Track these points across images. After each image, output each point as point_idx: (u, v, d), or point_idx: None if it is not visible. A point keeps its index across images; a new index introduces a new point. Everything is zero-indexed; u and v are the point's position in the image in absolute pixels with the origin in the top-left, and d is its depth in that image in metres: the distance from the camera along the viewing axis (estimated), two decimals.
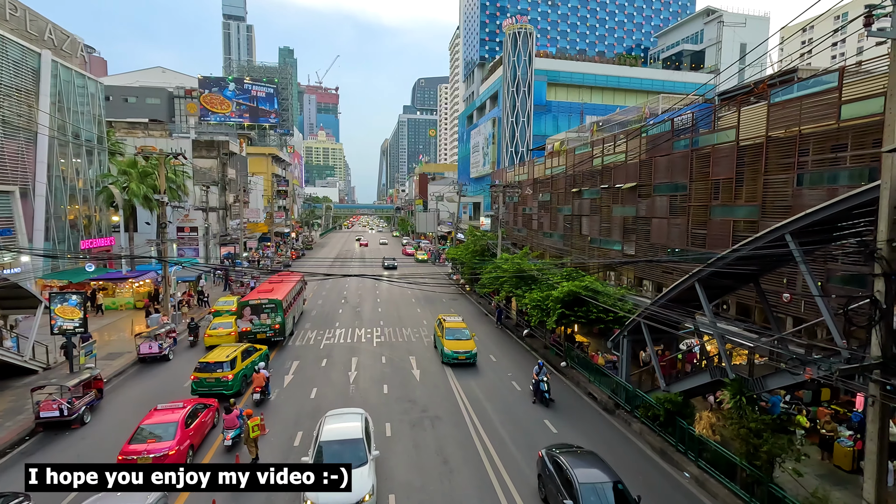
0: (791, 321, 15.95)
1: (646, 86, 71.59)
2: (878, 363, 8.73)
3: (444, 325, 24.56)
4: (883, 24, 8.86)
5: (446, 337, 23.57)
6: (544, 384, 18.29)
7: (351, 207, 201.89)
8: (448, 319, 25.61)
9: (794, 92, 17.22)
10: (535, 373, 18.66)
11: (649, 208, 23.41)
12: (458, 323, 25.21)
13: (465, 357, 22.55)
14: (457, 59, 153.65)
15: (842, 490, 12.50)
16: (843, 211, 9.79)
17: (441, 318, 26.08)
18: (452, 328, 24.34)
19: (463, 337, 23.61)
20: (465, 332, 24.18)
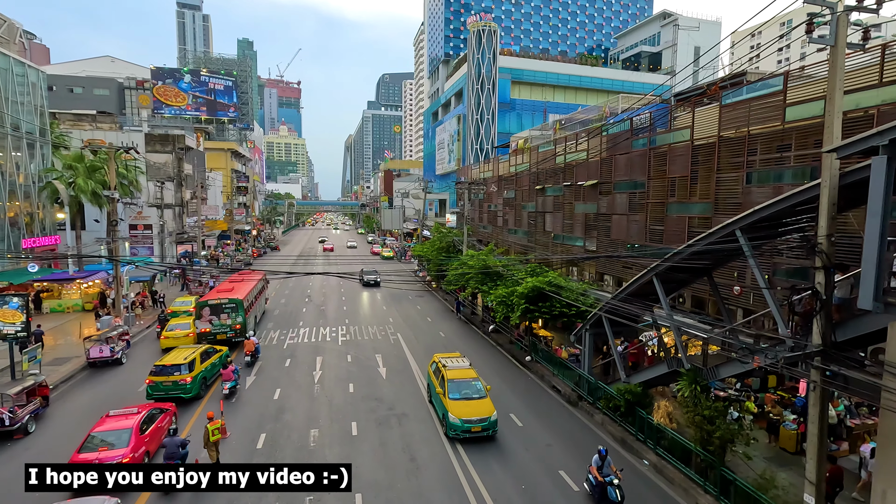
0: (741, 313, 16.76)
1: (606, 85, 73.43)
2: (818, 351, 9.29)
3: (446, 376, 16.63)
4: (823, 32, 9.40)
5: (450, 395, 15.93)
6: (614, 490, 11.57)
7: (314, 204, 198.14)
8: (450, 364, 17.47)
9: (744, 94, 18.08)
10: (596, 466, 12.04)
11: (610, 205, 24.05)
12: (463, 371, 17.09)
13: (482, 428, 15.06)
14: (421, 55, 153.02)
15: (787, 471, 13.25)
16: (788, 208, 10.35)
17: (438, 361, 18.07)
18: (458, 379, 16.46)
19: (474, 393, 16.07)
20: (477, 384, 16.50)
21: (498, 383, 20.37)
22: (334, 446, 14.78)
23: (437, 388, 17.13)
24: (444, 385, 16.41)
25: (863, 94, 13.09)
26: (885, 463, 8.66)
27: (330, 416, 16.99)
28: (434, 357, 18.99)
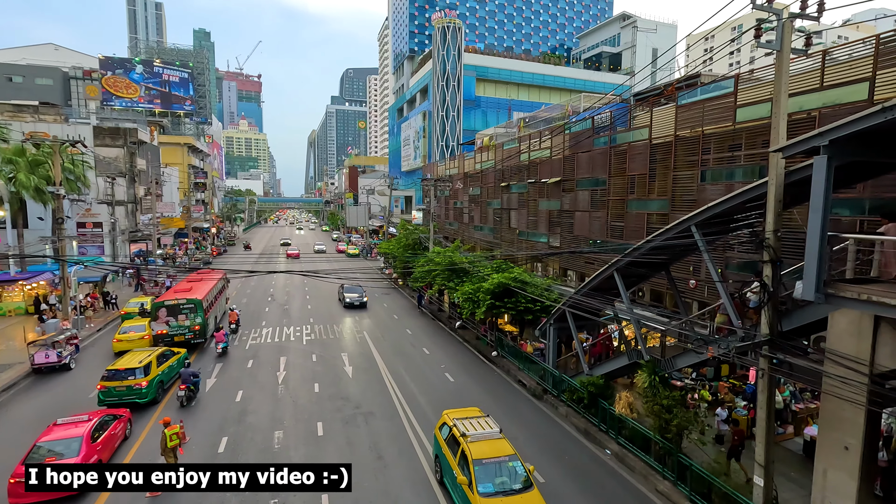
0: (696, 305, 17.48)
1: (569, 84, 74.80)
2: (766, 340, 9.81)
3: (470, 453, 11.11)
4: (770, 37, 9.88)
5: (479, 487, 10.49)
6: None
7: (277, 201, 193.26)
8: (472, 433, 11.86)
9: (698, 95, 18.79)
10: None
11: (572, 202, 24.56)
12: (494, 442, 11.67)
13: None
14: (386, 50, 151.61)
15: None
16: (738, 205, 10.85)
17: (452, 423, 12.54)
18: (488, 461, 11.04)
19: (514, 480, 10.87)
20: (517, 465, 11.21)
21: (465, 379, 20.52)
22: (300, 447, 14.53)
23: (452, 465, 11.58)
24: (466, 466, 11.01)
25: (806, 96, 13.84)
26: (826, 444, 9.24)
27: (295, 416, 16.69)
28: (444, 416, 13.34)
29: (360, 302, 33.78)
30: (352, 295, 34.07)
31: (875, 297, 7.51)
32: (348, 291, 34.45)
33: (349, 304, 33.71)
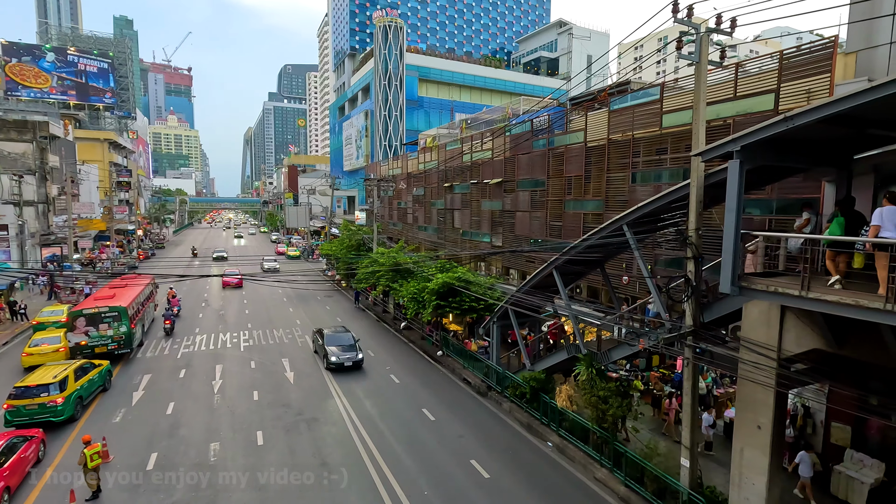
0: (629, 300, 18.46)
1: (509, 87, 76.55)
2: (690, 331, 10.54)
3: None
4: (690, 49, 10.62)
5: None
6: None
7: (210, 201, 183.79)
8: None
9: (628, 101, 19.84)
10: None
11: (513, 202, 25.18)
12: None
13: None
14: (326, 47, 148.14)
15: (667, 439, 14.90)
16: (665, 205, 11.58)
17: None
18: None
19: None
20: None
21: (411, 380, 20.48)
22: (238, 458, 13.90)
23: None
24: None
25: (722, 105, 15.01)
26: (742, 425, 10.06)
27: (232, 426, 15.95)
28: None
29: (353, 362, 21.02)
30: (342, 353, 21.20)
31: (780, 289, 8.28)
32: (333, 343, 21.86)
33: (336, 365, 20.80)
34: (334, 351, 21.38)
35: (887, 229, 7.30)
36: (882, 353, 8.02)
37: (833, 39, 12.43)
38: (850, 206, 8.76)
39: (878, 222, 7.38)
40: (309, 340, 26.15)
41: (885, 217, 7.33)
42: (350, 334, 23.03)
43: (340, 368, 21.06)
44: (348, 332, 23.20)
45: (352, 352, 21.58)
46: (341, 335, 22.84)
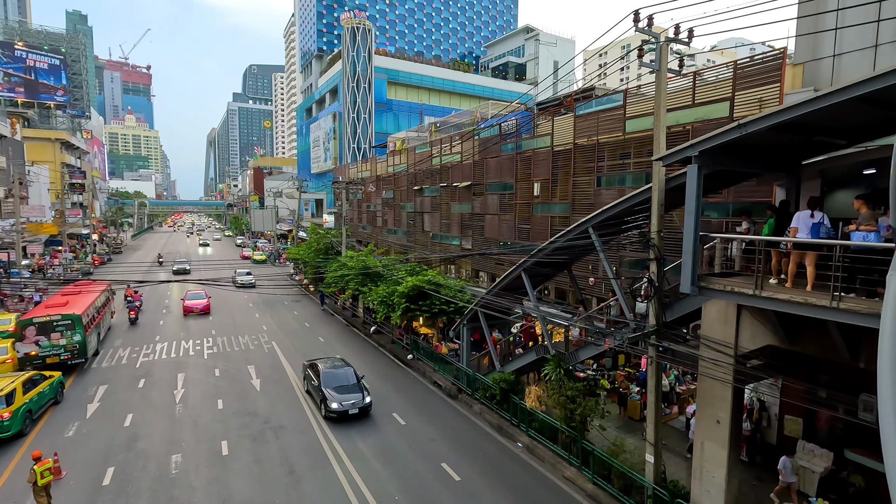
0: (595, 301, 18.88)
1: (478, 91, 77.24)
2: (653, 330, 10.86)
3: None
4: (651, 57, 10.98)
5: None
6: None
7: (172, 204, 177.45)
8: None
9: (593, 107, 20.33)
10: None
11: (483, 205, 25.39)
12: None
13: None
14: (293, 47, 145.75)
15: (634, 436, 15.27)
16: (628, 208, 11.91)
17: None
18: None
19: None
20: None
21: (380, 384, 20.30)
22: (201, 470, 13.45)
23: None
24: None
25: (682, 112, 15.57)
26: (703, 420, 10.43)
27: (195, 437, 15.42)
28: None
29: (360, 408, 16.63)
30: (344, 396, 16.79)
31: (736, 289, 8.64)
32: (332, 382, 17.45)
33: (338, 414, 16.37)
34: (335, 395, 16.82)
35: (802, 231, 8.10)
36: (829, 349, 8.47)
37: (782, 51, 13.09)
38: (786, 209, 9.28)
39: (796, 224, 8.25)
40: (276, 347, 25.57)
41: (801, 221, 8.17)
42: (351, 369, 18.44)
43: (344, 418, 16.48)
44: (349, 367, 18.62)
45: (355, 394, 17.01)
46: (341, 371, 18.17)
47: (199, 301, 31.51)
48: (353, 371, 18.42)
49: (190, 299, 32.12)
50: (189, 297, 32.18)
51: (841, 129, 8.92)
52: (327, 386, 17.27)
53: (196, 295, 33.12)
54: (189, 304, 32.28)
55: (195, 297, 32.74)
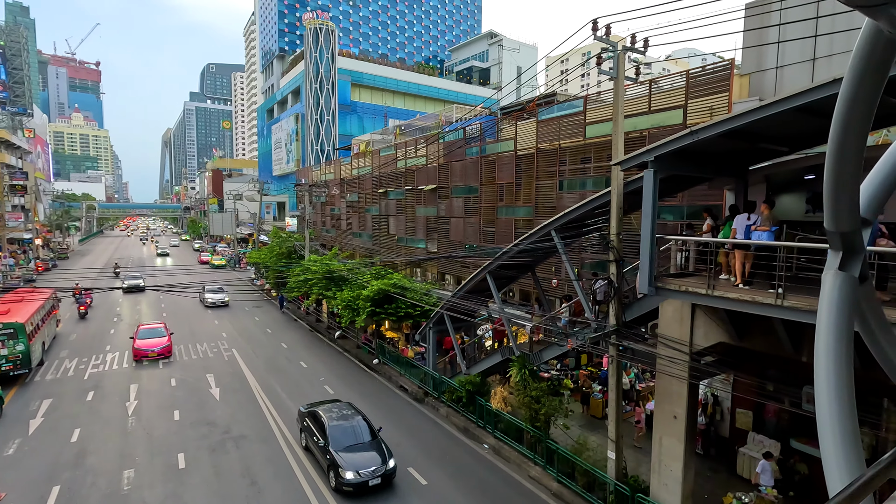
0: (559, 302, 19.25)
1: (442, 95, 77.52)
2: (614, 330, 11.17)
3: None
4: (610, 65, 11.33)
5: None
6: None
7: (124, 207, 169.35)
8: None
9: (555, 112, 20.78)
10: None
11: (448, 209, 25.47)
12: None
13: None
14: (253, 47, 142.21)
15: (596, 433, 15.64)
16: (589, 211, 12.24)
17: None
18: None
19: None
20: None
21: (345, 390, 20.02)
22: (156, 485, 12.87)
23: None
24: None
25: (639, 118, 16.12)
26: (661, 416, 10.79)
27: (150, 450, 14.76)
28: None
29: (382, 475, 12.45)
30: (360, 457, 12.68)
31: (691, 288, 9.01)
32: (343, 441, 13.27)
33: (355, 486, 12.22)
34: (348, 460, 12.51)
35: (739, 232, 8.91)
36: (775, 344, 8.94)
37: (730, 62, 13.78)
38: (736, 212, 9.80)
39: (735, 226, 9.02)
40: (237, 354, 24.79)
41: (738, 223, 8.92)
42: (360, 418, 14.03)
43: (363, 490, 12.29)
44: (359, 416, 14.21)
45: (374, 454, 12.83)
46: (352, 423, 13.73)
47: (157, 341, 23.79)
48: (367, 422, 14.04)
49: (143, 337, 23.98)
50: (142, 335, 24.14)
51: (783, 137, 9.47)
52: (337, 447, 12.93)
53: (152, 331, 24.82)
54: (142, 346, 23.45)
55: (150, 334, 24.50)
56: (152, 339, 24.01)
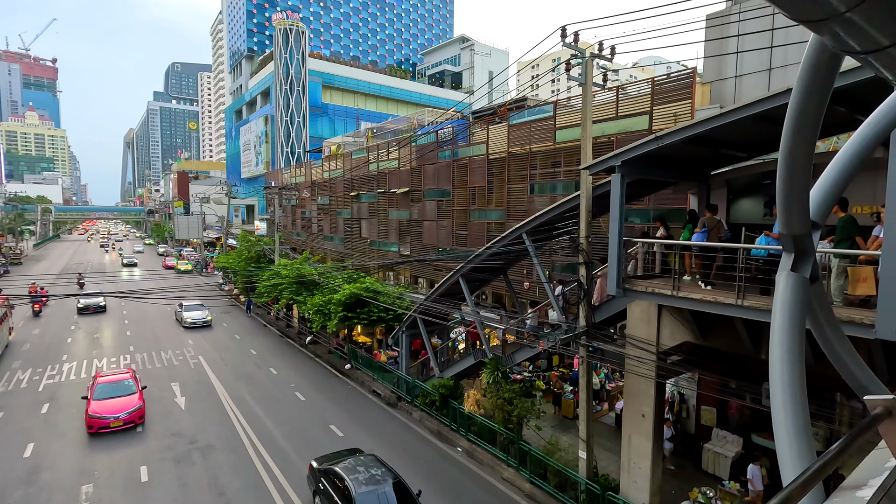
0: (530, 304, 19.45)
1: (415, 98, 77.56)
2: (584, 331, 11.36)
3: None
4: (578, 72, 11.56)
5: None
6: None
7: (83, 210, 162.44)
8: None
9: (525, 117, 21.06)
10: None
11: (421, 212, 25.45)
12: None
13: None
14: (220, 46, 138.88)
15: (567, 434, 15.85)
16: (559, 214, 12.43)
17: None
18: None
19: None
20: None
21: (317, 396, 19.70)
22: (116, 500, 12.34)
23: None
24: None
25: (606, 123, 16.50)
26: (629, 415, 11.02)
27: (110, 464, 14.15)
28: None
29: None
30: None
31: (657, 290, 9.25)
32: (371, 499, 10.23)
33: None
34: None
35: (698, 235, 9.51)
36: (737, 343, 9.26)
37: (693, 71, 14.26)
38: (696, 216, 10.19)
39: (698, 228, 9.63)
40: (204, 362, 24.05)
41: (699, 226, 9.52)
42: (392, 481, 10.86)
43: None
44: (390, 473, 11.21)
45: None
46: (383, 487, 10.64)
47: (122, 402, 16.24)
48: (401, 481, 10.97)
49: (103, 397, 16.32)
50: (100, 392, 16.48)
51: (742, 143, 9.85)
52: None
53: (115, 386, 16.96)
54: (100, 411, 15.75)
55: (113, 391, 16.73)
56: (115, 399, 16.30)
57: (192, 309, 31.38)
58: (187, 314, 30.92)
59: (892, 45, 1.09)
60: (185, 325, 30.74)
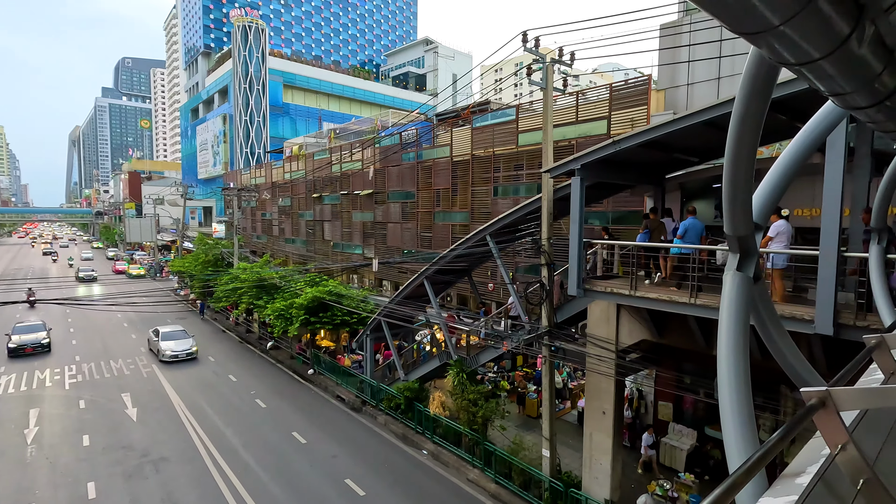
0: (495, 305, 19.64)
1: (378, 100, 77.01)
2: (546, 331, 11.56)
3: None
4: (540, 76, 11.77)
5: None
6: None
7: (23, 212, 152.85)
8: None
9: (489, 120, 21.28)
10: None
11: (385, 214, 25.27)
12: None
13: None
14: (175, 41, 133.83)
15: (531, 433, 16.06)
16: (521, 217, 12.61)
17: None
18: None
19: None
20: None
21: (278, 403, 19.20)
22: None
23: None
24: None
25: (567, 127, 16.88)
26: (590, 412, 11.29)
27: (53, 481, 13.32)
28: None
29: None
30: None
31: (615, 290, 9.52)
32: None
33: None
34: None
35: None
36: (691, 340, 9.65)
37: (648, 78, 14.79)
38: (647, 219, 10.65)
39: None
40: (158, 371, 23.00)
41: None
42: None
43: None
44: None
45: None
46: None
47: None
48: None
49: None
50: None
51: (694, 148, 10.29)
52: None
53: None
54: None
55: None
56: None
57: (171, 337, 24.71)
58: (165, 344, 24.13)
59: (823, 58, 1.16)
60: (162, 358, 23.89)
